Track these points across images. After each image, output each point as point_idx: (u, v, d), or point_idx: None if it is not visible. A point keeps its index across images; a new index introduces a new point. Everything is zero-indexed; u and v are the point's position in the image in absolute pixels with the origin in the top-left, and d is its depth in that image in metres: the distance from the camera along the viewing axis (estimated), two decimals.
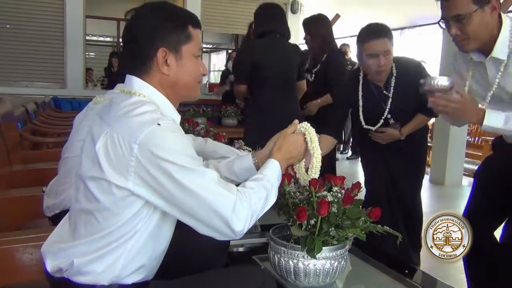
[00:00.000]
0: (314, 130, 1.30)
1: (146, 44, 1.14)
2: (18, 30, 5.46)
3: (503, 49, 1.51)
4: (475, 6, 1.46)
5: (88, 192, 1.09)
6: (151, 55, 1.14)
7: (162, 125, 1.05)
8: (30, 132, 3.58)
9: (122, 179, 1.04)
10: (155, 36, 1.14)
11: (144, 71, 1.16)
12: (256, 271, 1.30)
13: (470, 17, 1.46)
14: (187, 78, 1.19)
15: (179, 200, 1.05)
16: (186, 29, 1.17)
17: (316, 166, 1.30)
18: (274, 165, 1.23)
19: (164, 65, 1.15)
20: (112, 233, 1.08)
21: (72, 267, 1.09)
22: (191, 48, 1.18)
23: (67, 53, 5.58)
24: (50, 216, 1.80)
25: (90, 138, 1.12)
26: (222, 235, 1.09)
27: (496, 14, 1.50)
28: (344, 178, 1.36)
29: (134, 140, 1.03)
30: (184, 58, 1.17)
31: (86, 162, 1.10)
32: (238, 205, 1.07)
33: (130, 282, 1.12)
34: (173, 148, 1.04)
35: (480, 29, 1.49)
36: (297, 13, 7.03)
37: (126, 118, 1.07)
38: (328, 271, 1.26)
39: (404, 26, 9.88)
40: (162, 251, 1.20)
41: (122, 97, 1.15)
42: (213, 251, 1.43)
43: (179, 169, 1.03)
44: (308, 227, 1.24)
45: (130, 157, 1.03)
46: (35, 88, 5.51)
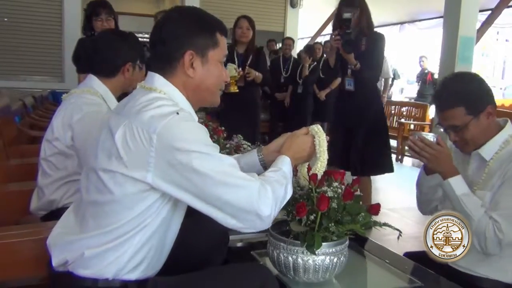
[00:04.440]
0: (324, 134, 1.31)
1: (174, 46, 1.16)
2: (16, 23, 5.44)
3: (491, 150, 1.55)
4: (470, 116, 1.50)
5: (101, 184, 1.09)
6: (178, 56, 1.16)
7: (180, 114, 1.07)
8: (28, 126, 3.57)
9: (142, 172, 1.05)
10: (183, 39, 1.16)
11: (169, 71, 1.17)
12: (257, 268, 1.30)
13: (466, 127, 1.51)
14: (211, 82, 1.21)
15: (201, 189, 1.05)
16: (214, 35, 1.20)
17: (320, 170, 1.30)
18: (287, 160, 1.24)
19: (190, 68, 1.17)
20: (121, 227, 1.08)
21: (81, 258, 1.09)
22: (217, 54, 1.21)
23: (65, 47, 5.56)
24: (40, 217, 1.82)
25: (107, 131, 1.12)
26: (248, 224, 1.08)
27: (494, 118, 1.54)
28: (344, 174, 1.35)
29: (153, 130, 1.04)
30: (210, 63, 1.20)
31: (102, 155, 1.10)
32: (262, 190, 1.07)
33: (134, 278, 1.12)
34: (191, 136, 1.06)
35: (478, 135, 1.53)
36: (296, 7, 7.01)
37: (144, 111, 1.08)
38: (328, 267, 1.26)
39: (404, 21, 9.86)
40: (169, 247, 1.20)
41: (141, 92, 1.17)
42: (213, 247, 1.43)
43: (199, 155, 1.04)
44: (308, 223, 1.23)
45: (150, 147, 1.03)
46: (33, 82, 5.49)
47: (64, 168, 1.77)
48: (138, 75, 1.87)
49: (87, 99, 1.77)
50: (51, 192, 1.78)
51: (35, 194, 1.84)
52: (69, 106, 1.77)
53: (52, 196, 1.78)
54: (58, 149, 1.76)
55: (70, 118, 1.73)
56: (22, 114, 3.73)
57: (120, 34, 1.95)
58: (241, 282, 1.16)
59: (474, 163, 1.60)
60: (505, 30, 10.36)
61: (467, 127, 1.51)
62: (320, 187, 1.28)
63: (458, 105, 1.51)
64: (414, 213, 3.76)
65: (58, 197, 1.78)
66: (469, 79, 1.58)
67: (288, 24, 7.01)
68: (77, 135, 1.72)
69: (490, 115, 1.53)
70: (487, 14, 7.23)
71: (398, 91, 12.45)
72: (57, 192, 1.78)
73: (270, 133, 5.99)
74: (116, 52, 1.84)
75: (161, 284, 1.15)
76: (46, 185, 1.79)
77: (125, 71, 1.83)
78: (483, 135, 1.54)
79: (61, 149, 1.75)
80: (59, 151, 1.76)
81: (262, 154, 1.34)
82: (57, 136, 1.75)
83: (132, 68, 1.85)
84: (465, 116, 1.51)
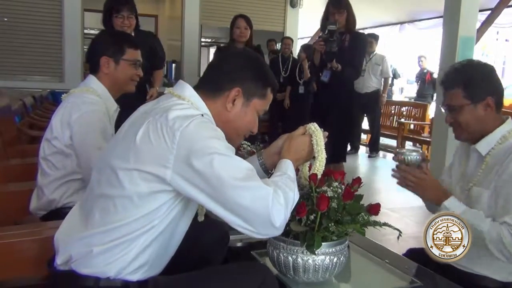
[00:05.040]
0: (321, 133, 1.31)
1: (229, 77, 1.22)
2: (15, 23, 5.43)
3: (487, 146, 1.55)
4: (467, 100, 1.52)
5: (114, 179, 1.10)
6: (227, 88, 1.21)
7: (204, 117, 1.12)
8: (28, 126, 3.57)
9: (161, 168, 1.06)
10: (239, 76, 1.22)
11: (211, 96, 1.22)
12: (256, 267, 1.30)
13: (461, 109, 1.53)
14: (241, 124, 1.26)
15: (218, 191, 1.05)
16: (266, 88, 1.26)
17: (319, 169, 1.30)
18: (289, 164, 1.24)
19: (231, 102, 1.21)
20: (127, 225, 1.09)
21: (87, 256, 1.09)
22: (260, 105, 1.26)
23: (65, 47, 5.55)
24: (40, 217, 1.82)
25: (129, 128, 1.15)
26: (260, 229, 1.07)
27: (492, 112, 1.54)
28: (344, 174, 1.35)
29: (177, 128, 1.06)
30: (250, 108, 1.25)
31: (120, 152, 1.11)
32: (275, 196, 1.08)
33: (135, 278, 1.12)
34: (212, 137, 1.08)
35: (471, 122, 1.54)
36: (296, 7, 7.00)
37: (170, 110, 1.11)
38: (328, 267, 1.26)
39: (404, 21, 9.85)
40: (173, 250, 1.21)
41: (169, 98, 1.20)
42: (213, 246, 1.43)
43: (219, 157, 1.05)
44: (308, 223, 1.23)
45: (172, 144, 1.05)
46: (32, 81, 5.49)
47: (63, 167, 1.77)
48: (127, 71, 1.87)
49: (86, 98, 1.78)
50: (50, 191, 1.78)
51: (35, 194, 1.84)
52: (68, 105, 1.77)
53: (51, 195, 1.78)
54: (57, 148, 1.76)
55: (69, 117, 1.73)
56: (22, 114, 3.73)
57: (111, 32, 1.95)
58: (241, 282, 1.16)
59: (473, 159, 1.60)
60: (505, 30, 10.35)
61: (462, 110, 1.53)
62: (320, 187, 1.28)
63: (457, 86, 1.53)
64: (414, 213, 3.78)
65: (58, 197, 1.78)
66: (478, 65, 1.59)
67: (288, 24, 6.99)
68: (75, 134, 1.72)
69: (488, 107, 1.53)
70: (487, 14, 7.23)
71: (398, 91, 12.46)
72: (56, 191, 1.78)
73: (269, 133, 5.99)
74: (94, 47, 1.88)
75: (162, 283, 1.16)
76: (46, 185, 1.79)
77: (103, 66, 1.84)
78: (477, 125, 1.54)
79: (60, 148, 1.75)
80: (58, 150, 1.76)
81: (263, 158, 1.35)
82: (56, 135, 1.75)
83: (114, 63, 1.84)
84: (462, 99, 1.52)
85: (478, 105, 1.52)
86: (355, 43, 3.29)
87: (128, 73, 1.88)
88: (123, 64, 1.85)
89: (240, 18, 3.65)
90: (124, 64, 1.86)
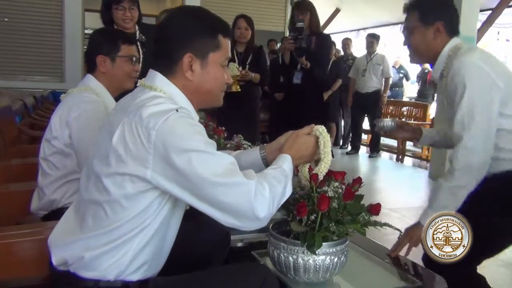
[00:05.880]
0: (328, 135, 1.31)
1: (175, 47, 1.16)
2: (16, 23, 5.43)
3: (438, 68, 1.68)
4: (420, 23, 1.66)
5: (100, 185, 1.09)
6: (178, 58, 1.15)
7: (179, 111, 1.07)
8: (29, 126, 3.57)
9: (141, 168, 1.04)
10: (184, 41, 1.15)
11: (170, 71, 1.17)
12: (257, 267, 1.29)
13: (413, 31, 1.68)
14: (210, 85, 1.20)
15: (199, 189, 1.04)
16: (216, 38, 1.19)
17: (323, 170, 1.30)
18: (287, 159, 1.23)
19: (189, 70, 1.16)
20: (120, 227, 1.08)
21: (81, 260, 1.09)
22: (219, 57, 1.19)
23: (65, 47, 5.55)
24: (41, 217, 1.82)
25: (106, 130, 1.12)
26: (246, 223, 1.08)
27: (441, 36, 1.66)
28: (344, 174, 1.35)
29: (152, 126, 1.03)
30: (210, 65, 1.18)
31: (101, 158, 1.10)
32: (259, 188, 1.07)
33: (135, 279, 1.12)
34: (190, 134, 1.05)
35: (421, 45, 1.67)
36: None
37: (143, 108, 1.07)
38: (328, 267, 1.26)
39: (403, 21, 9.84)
40: (168, 248, 1.20)
41: (141, 90, 1.16)
42: (214, 247, 1.43)
43: (197, 155, 1.03)
44: (308, 223, 1.23)
45: (148, 144, 1.03)
46: (33, 82, 5.49)
47: (63, 167, 1.77)
48: (123, 68, 1.86)
49: (84, 97, 1.78)
50: (51, 192, 1.78)
51: (36, 195, 1.84)
52: (66, 104, 1.78)
53: (52, 196, 1.78)
54: (56, 148, 1.76)
55: (67, 116, 1.74)
56: (23, 114, 3.73)
57: (104, 30, 1.95)
58: (241, 282, 1.15)
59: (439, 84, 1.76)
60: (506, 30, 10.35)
61: (413, 32, 1.67)
62: (320, 187, 1.28)
63: (414, 10, 1.69)
64: (414, 213, 3.77)
65: (58, 197, 1.78)
66: None
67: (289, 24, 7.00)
68: (74, 132, 1.72)
69: (438, 32, 1.64)
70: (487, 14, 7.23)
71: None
72: (57, 192, 1.78)
73: (270, 133, 5.98)
74: (91, 46, 1.88)
75: (163, 284, 1.15)
76: (46, 185, 1.79)
77: (100, 65, 1.84)
78: (426, 49, 1.67)
79: (59, 148, 1.76)
80: (58, 150, 1.76)
81: (265, 152, 1.34)
82: (55, 135, 1.76)
83: (110, 60, 1.84)
84: (416, 21, 1.66)
85: (429, 28, 1.64)
86: (321, 44, 3.52)
87: (125, 69, 1.87)
88: (119, 61, 1.85)
89: (240, 19, 3.65)
90: (120, 60, 1.85)
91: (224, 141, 2.23)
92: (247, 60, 3.65)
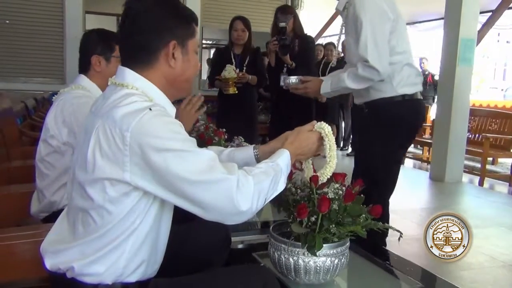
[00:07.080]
0: (333, 137, 1.31)
1: (154, 36, 1.13)
2: (17, 25, 5.44)
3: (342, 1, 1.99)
4: None
5: (83, 192, 1.08)
6: (160, 47, 1.13)
7: (153, 110, 1.04)
8: (30, 128, 3.58)
9: (119, 171, 1.02)
10: (163, 29, 1.13)
11: (147, 63, 1.14)
12: (258, 269, 1.28)
13: None
14: (189, 73, 1.20)
15: (179, 188, 1.03)
16: (191, 25, 1.18)
17: (327, 174, 1.30)
18: (284, 153, 1.23)
19: (172, 59, 1.14)
20: (109, 232, 1.07)
21: (73, 270, 1.08)
22: (194, 44, 1.19)
23: (66, 49, 5.56)
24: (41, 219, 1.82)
25: (84, 135, 1.11)
26: (229, 218, 1.07)
27: None
28: (345, 175, 1.35)
29: (126, 128, 1.01)
30: (189, 52, 1.18)
31: (81, 157, 1.09)
32: (242, 182, 1.05)
33: (134, 280, 1.11)
34: (166, 133, 1.03)
35: None
36: (297, 9, 7.00)
37: (115, 109, 1.05)
38: (329, 268, 1.26)
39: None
40: (163, 246, 1.19)
41: (112, 89, 1.14)
42: (215, 249, 1.43)
43: (174, 154, 1.01)
44: (309, 224, 1.23)
45: (124, 146, 1.01)
46: (34, 84, 5.49)
47: (60, 166, 1.77)
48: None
49: (75, 94, 1.80)
50: (51, 194, 1.78)
51: (35, 198, 1.84)
52: (59, 103, 1.79)
53: (52, 197, 1.78)
54: (53, 147, 1.76)
55: (62, 113, 1.74)
56: (24, 116, 3.74)
57: (98, 31, 1.95)
58: (242, 284, 1.15)
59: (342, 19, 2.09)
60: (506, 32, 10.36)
61: None
62: (321, 188, 1.28)
63: None
64: (415, 215, 3.77)
65: (58, 199, 1.78)
66: None
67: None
68: (75, 127, 1.72)
69: None
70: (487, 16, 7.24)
71: None
72: (57, 193, 1.78)
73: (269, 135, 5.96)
74: (85, 46, 1.89)
75: (162, 285, 1.15)
76: (46, 187, 1.79)
77: (95, 65, 1.85)
78: None
79: (56, 147, 1.76)
80: (55, 149, 1.76)
81: (258, 151, 1.33)
82: (52, 134, 1.76)
83: (105, 60, 1.85)
84: None
85: None
86: (304, 45, 3.57)
87: None
88: (114, 61, 1.86)
89: (237, 21, 3.65)
90: (115, 60, 1.86)
91: (225, 142, 2.24)
92: (244, 62, 3.66)
